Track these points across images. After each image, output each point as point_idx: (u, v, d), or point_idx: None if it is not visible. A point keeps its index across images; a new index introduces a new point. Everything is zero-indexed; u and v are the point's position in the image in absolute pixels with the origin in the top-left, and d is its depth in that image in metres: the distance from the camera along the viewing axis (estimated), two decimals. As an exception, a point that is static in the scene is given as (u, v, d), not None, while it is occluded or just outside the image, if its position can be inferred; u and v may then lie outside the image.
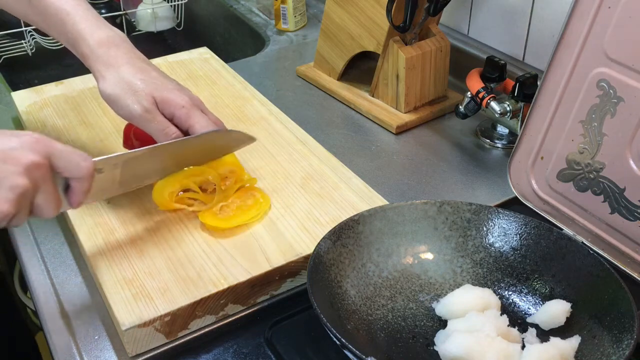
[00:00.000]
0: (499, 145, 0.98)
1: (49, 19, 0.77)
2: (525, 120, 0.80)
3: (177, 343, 0.67)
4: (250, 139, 0.81)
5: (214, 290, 0.67)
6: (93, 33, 0.75)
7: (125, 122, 0.90)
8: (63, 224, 0.81)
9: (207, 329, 0.68)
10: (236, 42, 1.50)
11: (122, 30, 1.43)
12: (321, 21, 1.10)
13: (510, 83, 0.95)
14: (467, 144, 0.98)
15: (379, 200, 0.80)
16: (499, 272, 0.71)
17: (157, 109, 0.73)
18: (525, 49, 1.05)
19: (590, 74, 0.73)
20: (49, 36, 1.33)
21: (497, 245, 0.72)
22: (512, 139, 0.97)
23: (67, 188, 0.62)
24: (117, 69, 0.74)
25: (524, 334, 0.64)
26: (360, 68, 1.12)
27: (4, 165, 0.56)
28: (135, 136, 0.88)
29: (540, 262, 0.69)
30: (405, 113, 1.02)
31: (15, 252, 0.79)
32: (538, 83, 0.83)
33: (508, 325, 0.64)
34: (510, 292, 0.69)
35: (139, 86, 0.73)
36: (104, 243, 0.73)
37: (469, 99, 0.95)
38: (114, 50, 0.75)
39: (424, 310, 0.69)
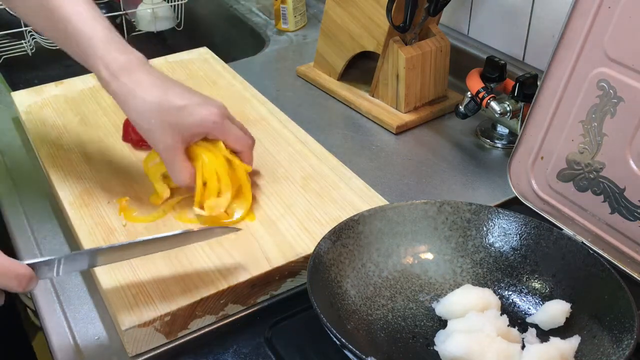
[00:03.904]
0: (499, 145, 0.98)
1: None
2: (525, 120, 0.80)
3: (177, 343, 0.67)
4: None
5: (214, 290, 0.67)
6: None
7: (124, 118, 0.91)
8: (63, 224, 0.81)
9: (207, 329, 0.68)
10: (236, 42, 1.50)
11: (122, 30, 1.44)
12: (321, 21, 1.10)
13: (510, 83, 0.95)
14: (467, 144, 0.98)
15: (379, 200, 0.80)
16: (499, 272, 0.71)
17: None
18: (525, 49, 1.05)
19: (590, 74, 0.73)
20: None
21: (497, 245, 0.72)
22: (512, 139, 0.97)
23: None
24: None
25: (524, 334, 0.64)
26: (360, 68, 1.11)
27: None
28: (134, 130, 0.89)
29: (540, 262, 0.69)
30: (405, 113, 1.02)
31: (15, 252, 0.79)
32: (538, 83, 0.83)
33: (508, 325, 0.64)
34: (510, 292, 0.69)
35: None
36: (104, 243, 0.73)
37: (469, 99, 0.95)
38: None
39: (424, 310, 0.69)
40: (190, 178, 0.75)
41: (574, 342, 0.61)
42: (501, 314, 0.65)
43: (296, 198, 0.80)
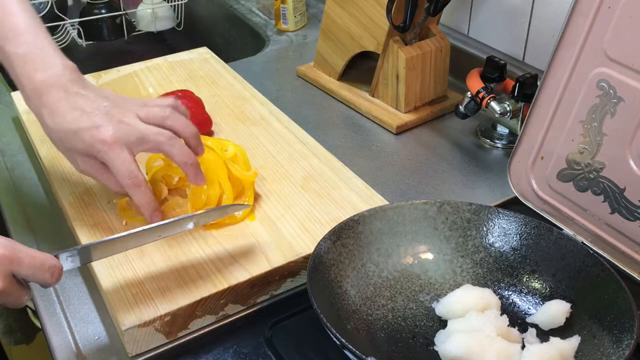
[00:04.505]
0: (499, 145, 0.98)
1: None
2: (525, 120, 0.80)
3: (177, 343, 0.67)
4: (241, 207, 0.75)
5: (214, 290, 0.67)
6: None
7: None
8: (63, 223, 0.81)
9: (207, 329, 0.68)
10: (236, 42, 1.50)
11: (122, 30, 1.43)
12: (321, 21, 1.10)
13: (510, 83, 0.95)
14: (467, 144, 0.98)
15: (379, 200, 0.80)
16: (499, 272, 0.71)
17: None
18: (525, 49, 1.05)
19: (590, 74, 0.73)
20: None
21: (497, 245, 0.72)
22: (512, 139, 0.97)
23: None
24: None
25: (524, 334, 0.64)
26: (360, 68, 1.12)
27: None
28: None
29: (540, 262, 0.69)
30: (405, 113, 1.02)
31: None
32: (538, 83, 0.83)
33: (508, 325, 0.64)
34: (510, 292, 0.69)
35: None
36: (104, 243, 0.73)
37: (469, 99, 0.95)
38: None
39: (424, 310, 0.69)
40: (119, 187, 0.72)
41: (574, 342, 0.61)
42: (501, 314, 0.65)
43: (296, 198, 0.80)
